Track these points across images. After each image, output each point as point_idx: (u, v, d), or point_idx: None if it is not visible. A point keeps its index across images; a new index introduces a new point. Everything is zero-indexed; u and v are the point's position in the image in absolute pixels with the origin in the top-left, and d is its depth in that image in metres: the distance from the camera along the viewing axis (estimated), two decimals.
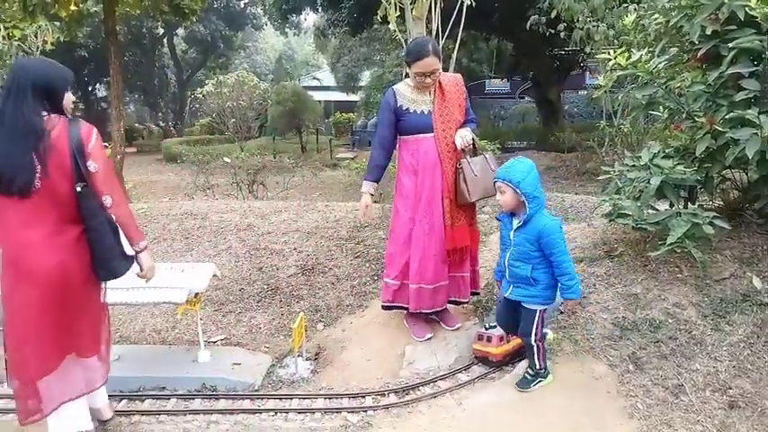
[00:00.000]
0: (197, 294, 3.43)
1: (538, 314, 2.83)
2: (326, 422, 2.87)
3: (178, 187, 12.80)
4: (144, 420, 2.91)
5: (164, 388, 3.23)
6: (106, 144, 9.26)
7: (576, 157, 13.29)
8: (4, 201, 2.27)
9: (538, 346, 2.85)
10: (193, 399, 3.11)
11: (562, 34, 7.67)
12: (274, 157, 8.32)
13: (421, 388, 3.08)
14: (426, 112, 3.30)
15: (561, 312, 3.28)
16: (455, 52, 4.93)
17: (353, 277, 4.50)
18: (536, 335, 2.84)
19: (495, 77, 23.24)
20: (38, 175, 2.25)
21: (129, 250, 2.54)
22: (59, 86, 2.40)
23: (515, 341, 3.11)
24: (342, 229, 5.21)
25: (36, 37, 7.57)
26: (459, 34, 4.90)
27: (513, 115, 23.34)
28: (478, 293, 3.71)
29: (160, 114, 33.62)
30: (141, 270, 2.62)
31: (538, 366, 2.87)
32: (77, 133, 2.34)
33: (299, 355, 3.53)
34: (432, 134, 3.28)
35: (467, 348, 3.33)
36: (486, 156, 3.34)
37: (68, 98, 2.44)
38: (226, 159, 7.94)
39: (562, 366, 2.99)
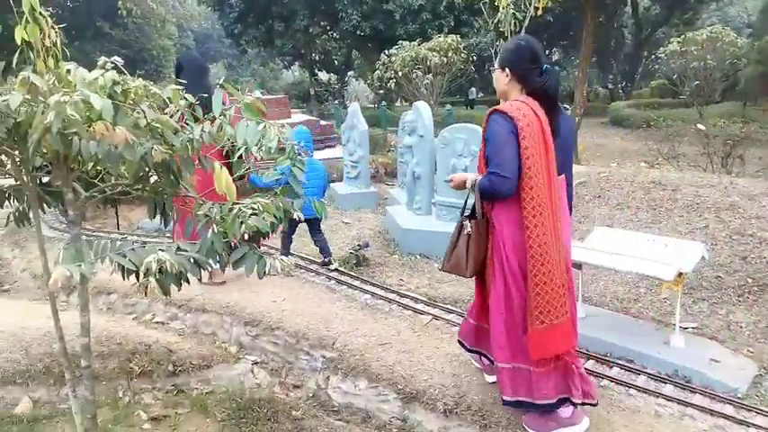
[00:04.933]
0: (681, 274, 3.15)
1: None
2: None
3: (625, 152, 12.40)
4: (613, 388, 2.89)
5: (631, 361, 3.14)
6: (566, 106, 9.63)
7: None
8: None
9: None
10: (665, 383, 2.91)
11: None
12: (761, 127, 6.91)
13: None
14: None
15: None
16: None
17: None
18: None
19: None
20: None
21: None
22: None
23: None
24: None
25: (528, 5, 8.28)
26: None
27: None
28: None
29: (610, 76, 33.10)
30: None
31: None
32: None
33: None
34: None
35: None
36: (469, 227, 2.43)
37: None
38: (700, 126, 7.08)
39: None
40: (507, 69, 2.39)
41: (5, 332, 3.44)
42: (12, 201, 2.39)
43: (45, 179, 2.31)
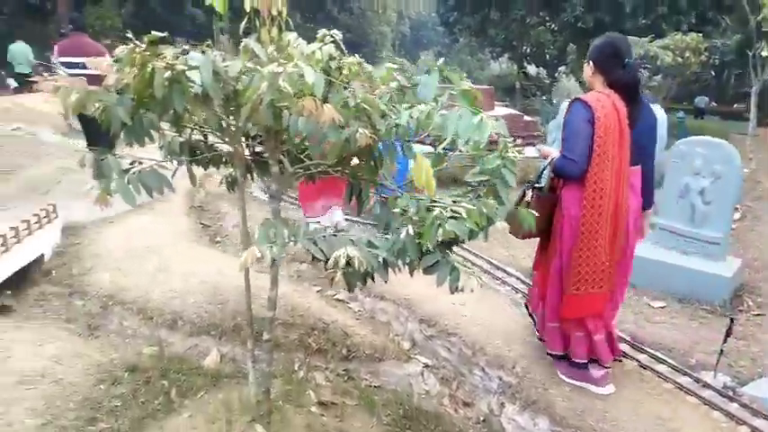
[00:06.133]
0: None
1: None
2: None
3: None
4: None
5: None
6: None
7: None
8: None
9: None
10: None
11: None
12: None
13: None
14: None
15: None
16: None
17: None
18: None
19: None
20: None
21: None
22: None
23: None
24: None
25: None
26: None
27: None
28: None
29: None
30: None
31: None
32: None
33: None
34: None
35: None
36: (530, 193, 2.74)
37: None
38: None
39: None
40: (591, 62, 2.64)
41: (208, 283, 3.73)
42: (226, 165, 2.46)
43: (258, 148, 2.33)
